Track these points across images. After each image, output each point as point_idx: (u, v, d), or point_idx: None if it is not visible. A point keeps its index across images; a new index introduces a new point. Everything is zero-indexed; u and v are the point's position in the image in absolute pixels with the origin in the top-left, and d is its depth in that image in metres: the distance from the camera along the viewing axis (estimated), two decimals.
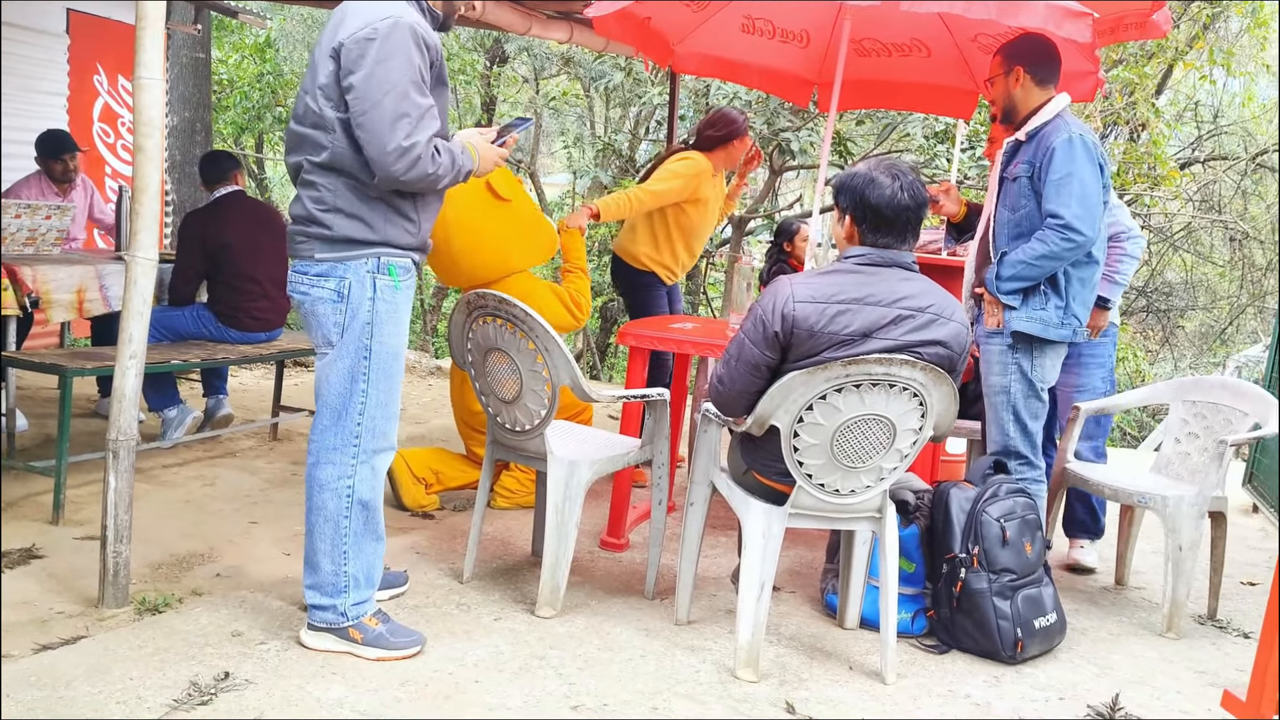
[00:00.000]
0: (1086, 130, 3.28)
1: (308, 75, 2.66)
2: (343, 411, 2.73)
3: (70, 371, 3.87)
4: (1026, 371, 3.38)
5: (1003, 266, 3.32)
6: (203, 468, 4.74)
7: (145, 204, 2.92)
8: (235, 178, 4.93)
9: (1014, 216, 3.37)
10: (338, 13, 2.65)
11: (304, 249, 2.70)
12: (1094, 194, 3.21)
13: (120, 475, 2.96)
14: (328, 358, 2.73)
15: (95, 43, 6.61)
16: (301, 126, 2.65)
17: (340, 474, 2.74)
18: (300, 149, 2.67)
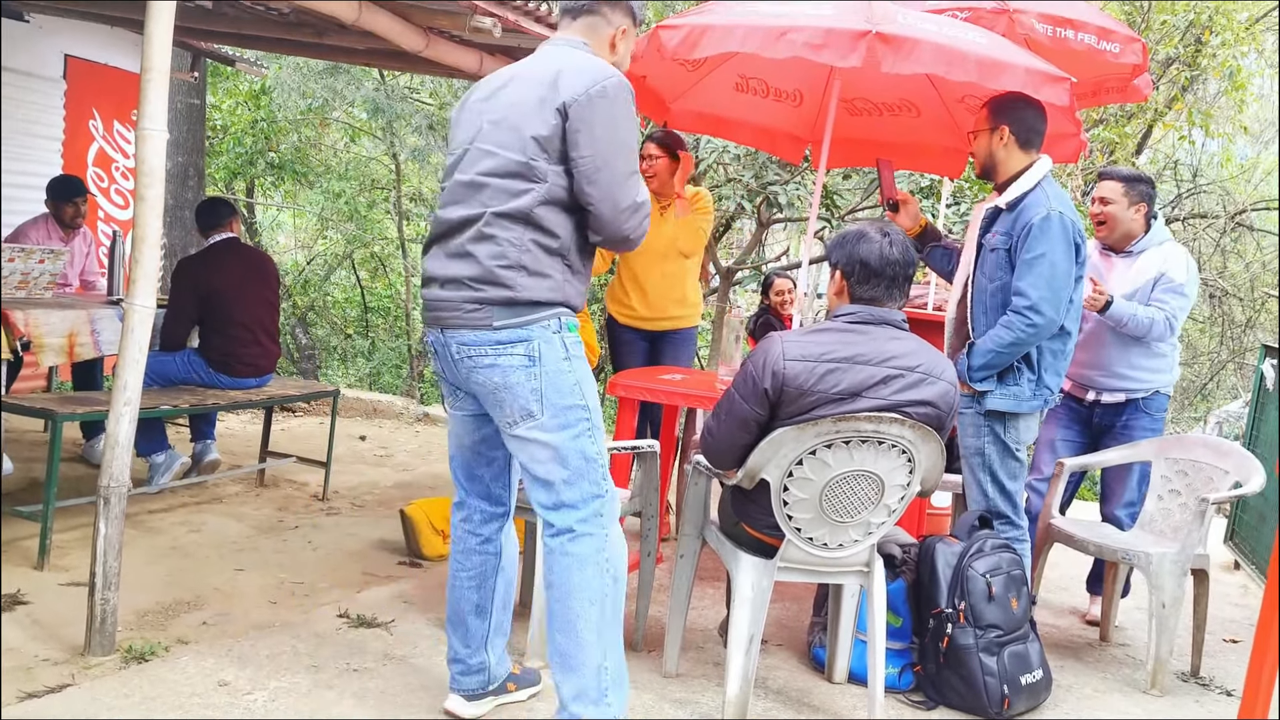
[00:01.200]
0: (1066, 205, 3.30)
1: (498, 129, 2.46)
2: (583, 477, 2.48)
3: (61, 417, 3.88)
4: (1001, 435, 3.39)
5: (973, 356, 3.33)
6: (189, 514, 4.72)
7: (145, 253, 2.95)
8: (231, 225, 4.97)
9: (991, 286, 3.36)
10: (546, 65, 2.49)
11: (479, 317, 2.42)
12: (1063, 275, 3.23)
13: (111, 522, 2.97)
14: (532, 430, 2.46)
15: (92, 88, 6.68)
16: (488, 177, 2.44)
17: (598, 546, 2.49)
18: (477, 198, 2.45)
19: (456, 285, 2.44)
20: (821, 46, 3.22)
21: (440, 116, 10.60)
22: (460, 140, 2.55)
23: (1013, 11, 4.44)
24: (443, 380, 2.64)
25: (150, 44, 2.91)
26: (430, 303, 2.51)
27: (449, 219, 2.48)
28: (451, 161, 2.57)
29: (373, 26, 3.68)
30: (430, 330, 2.54)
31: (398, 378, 13.89)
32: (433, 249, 2.53)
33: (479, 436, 2.66)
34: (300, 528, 4.67)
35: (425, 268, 2.54)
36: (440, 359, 2.55)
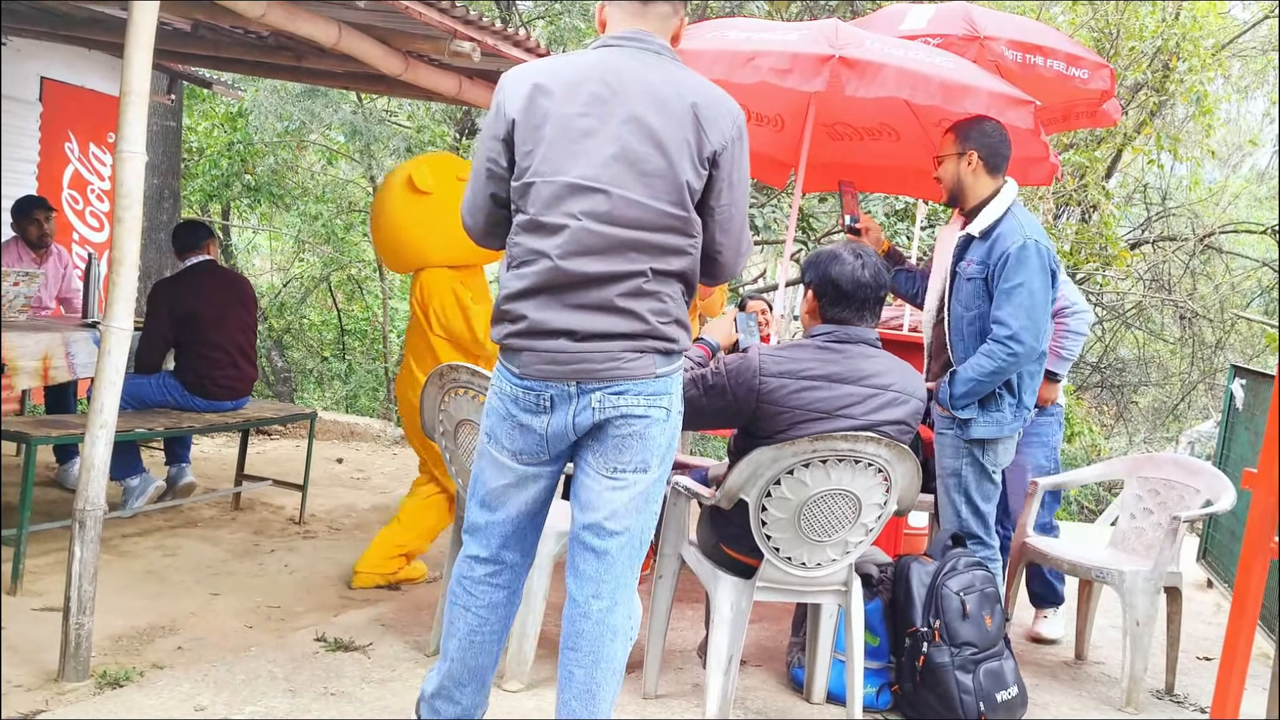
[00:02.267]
0: (1039, 231, 3.30)
1: (640, 173, 2.19)
2: (643, 542, 2.36)
3: (35, 440, 3.85)
4: (980, 458, 3.37)
5: (955, 384, 3.31)
6: (163, 537, 4.69)
7: (123, 275, 2.95)
8: (208, 247, 4.96)
9: (968, 315, 3.35)
10: (663, 84, 2.23)
11: (641, 366, 2.24)
12: (1041, 304, 3.24)
13: (86, 546, 2.95)
14: (638, 479, 2.30)
15: (68, 111, 6.65)
16: (637, 231, 2.20)
17: (631, 613, 2.38)
18: (628, 254, 2.20)
19: (606, 339, 2.21)
20: (787, 71, 3.28)
21: (417, 139, 10.60)
22: (553, 163, 2.20)
23: (983, 39, 4.51)
24: (524, 435, 2.30)
25: (130, 67, 2.92)
26: (560, 355, 2.21)
27: (583, 272, 2.18)
28: (544, 190, 2.21)
29: (352, 50, 3.70)
30: (553, 384, 2.23)
31: (375, 400, 13.82)
32: (544, 297, 2.21)
33: (545, 495, 2.41)
34: (276, 551, 4.64)
35: (538, 318, 2.21)
36: (556, 412, 2.26)
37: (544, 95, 2.23)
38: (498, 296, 2.32)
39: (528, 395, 2.27)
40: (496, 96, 2.30)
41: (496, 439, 2.35)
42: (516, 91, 2.26)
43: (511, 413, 2.31)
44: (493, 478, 2.38)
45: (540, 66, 2.30)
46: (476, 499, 2.42)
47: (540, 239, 2.22)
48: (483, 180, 2.33)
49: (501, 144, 2.28)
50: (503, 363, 2.32)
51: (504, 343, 2.29)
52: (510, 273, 2.27)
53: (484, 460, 2.40)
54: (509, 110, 2.25)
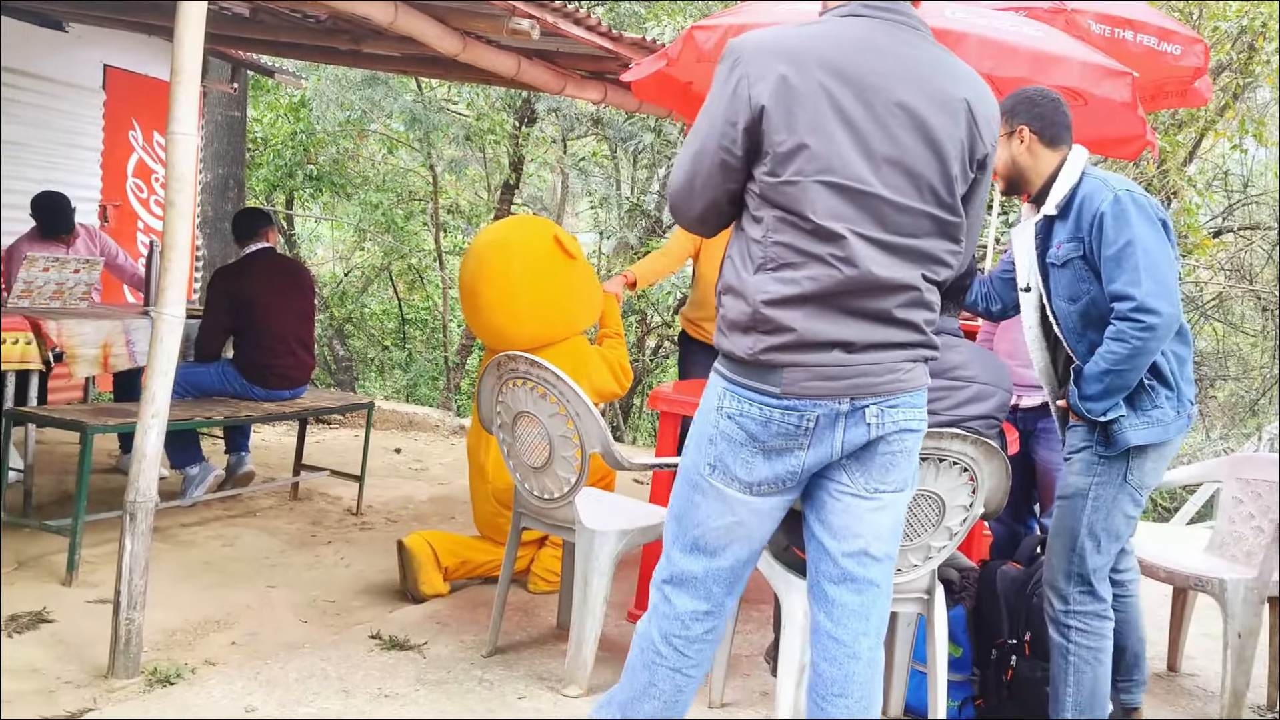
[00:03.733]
0: (1129, 184, 2.74)
1: (909, 176, 1.96)
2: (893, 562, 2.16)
3: (92, 428, 3.80)
4: (1125, 476, 2.72)
5: (1085, 383, 2.68)
6: (222, 527, 4.64)
7: (174, 260, 2.86)
8: (267, 235, 4.90)
9: (1076, 307, 2.75)
10: (931, 71, 1.99)
11: (916, 377, 2.05)
12: (1162, 260, 2.62)
13: (137, 538, 2.87)
14: (898, 498, 2.11)
15: (131, 99, 6.66)
16: (917, 239, 1.99)
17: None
18: (911, 263, 1.99)
19: (884, 349, 1.99)
20: None
21: (477, 127, 10.52)
22: (820, 161, 1.91)
23: (1069, 11, 4.26)
24: (772, 463, 2.01)
25: (180, 47, 2.82)
26: (834, 369, 1.95)
27: (865, 280, 1.93)
28: (812, 191, 1.92)
29: (409, 30, 3.58)
30: (823, 402, 1.96)
31: (434, 390, 13.84)
32: (817, 306, 1.94)
33: (774, 528, 2.14)
34: (334, 543, 4.56)
35: (809, 328, 1.93)
36: (820, 434, 1.99)
37: (798, 76, 1.90)
38: (743, 304, 1.97)
39: (787, 417, 1.97)
40: (732, 71, 1.95)
41: (726, 470, 2.02)
42: (763, 70, 1.91)
43: (757, 438, 1.99)
44: (714, 516, 2.05)
45: (784, 40, 1.95)
46: (686, 543, 2.09)
47: (813, 242, 1.93)
48: (713, 170, 1.99)
49: (743, 133, 1.94)
50: (746, 381, 1.99)
51: (760, 358, 1.96)
52: (767, 275, 1.95)
53: (699, 495, 2.05)
54: (756, 93, 1.91)
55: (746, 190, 2.00)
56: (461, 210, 13.67)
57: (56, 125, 6.16)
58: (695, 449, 2.08)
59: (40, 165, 5.86)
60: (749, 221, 2.01)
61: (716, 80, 2.00)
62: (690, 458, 2.09)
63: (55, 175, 5.94)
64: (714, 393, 2.06)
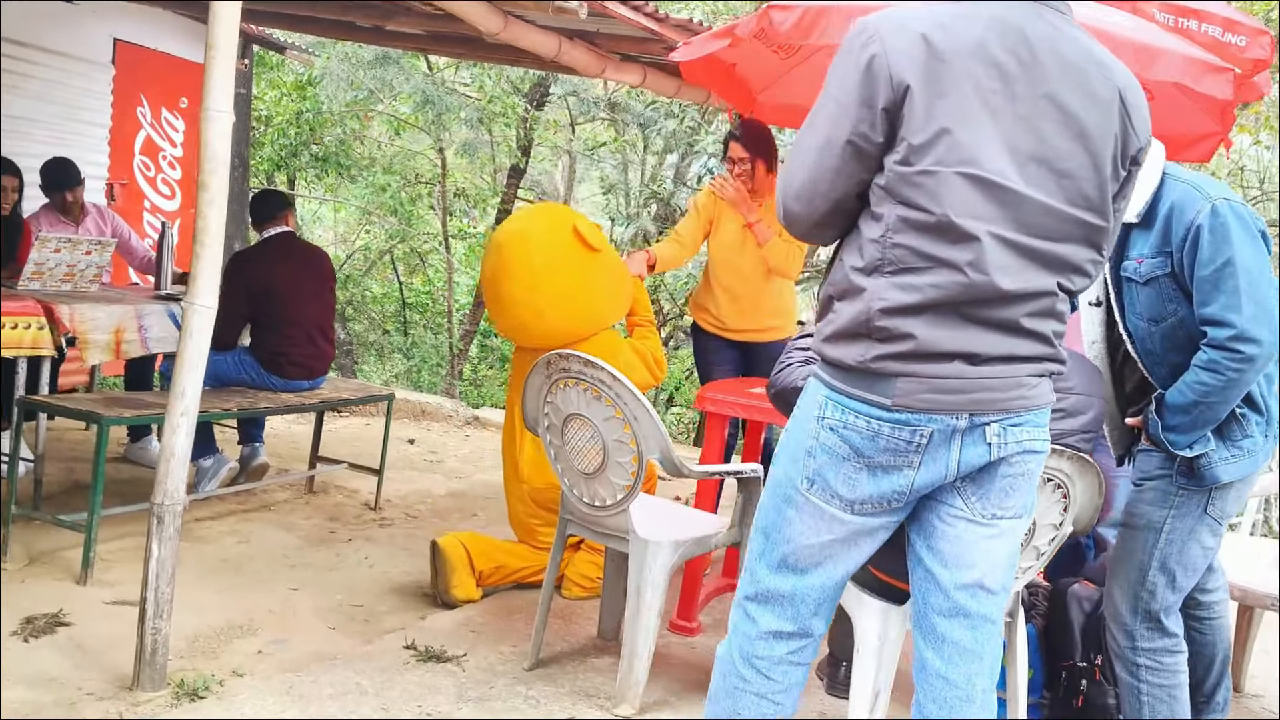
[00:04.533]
0: (1224, 189, 2.46)
1: (1056, 173, 1.77)
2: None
3: (106, 420, 3.62)
4: (1206, 508, 2.48)
5: (1170, 416, 2.43)
6: (237, 522, 4.46)
7: (207, 246, 2.67)
8: (286, 218, 4.70)
9: (1160, 326, 2.48)
10: (1104, 80, 1.80)
11: (1042, 394, 1.87)
12: (1264, 281, 2.35)
13: (164, 543, 2.69)
14: (1015, 524, 1.93)
15: (140, 73, 6.44)
16: (1054, 244, 1.79)
17: None
18: (1045, 270, 1.79)
19: (1010, 361, 1.81)
20: None
21: (489, 110, 10.30)
22: (961, 151, 1.72)
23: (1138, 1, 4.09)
24: (877, 480, 1.84)
25: (216, 20, 2.62)
26: (954, 381, 1.77)
27: (996, 288, 1.74)
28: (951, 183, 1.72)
29: (450, 6, 3.39)
30: (939, 416, 1.78)
31: (437, 376, 13.65)
32: (940, 314, 1.76)
33: (874, 550, 1.96)
34: (354, 540, 4.39)
35: (928, 337, 1.75)
36: (933, 451, 1.81)
37: (943, 56, 1.72)
38: (857, 309, 1.79)
39: (898, 431, 1.79)
40: (866, 47, 1.75)
41: (826, 485, 1.85)
42: (904, 46, 1.72)
43: (862, 452, 1.81)
44: (808, 533, 1.89)
45: (922, 16, 1.76)
46: (774, 559, 1.93)
47: (943, 245, 1.74)
48: (841, 157, 1.77)
49: (881, 113, 1.73)
50: (852, 390, 1.81)
51: (871, 366, 1.78)
52: (885, 279, 1.77)
53: (793, 510, 1.89)
54: (898, 70, 1.71)
55: (869, 184, 1.81)
56: (468, 194, 13.46)
57: (64, 100, 5.95)
58: (789, 460, 1.91)
59: (47, 141, 5.63)
60: (866, 219, 1.81)
61: (844, 62, 1.78)
62: (783, 469, 1.92)
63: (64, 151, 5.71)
64: (813, 401, 1.88)
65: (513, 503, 3.85)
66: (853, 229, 1.85)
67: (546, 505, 3.73)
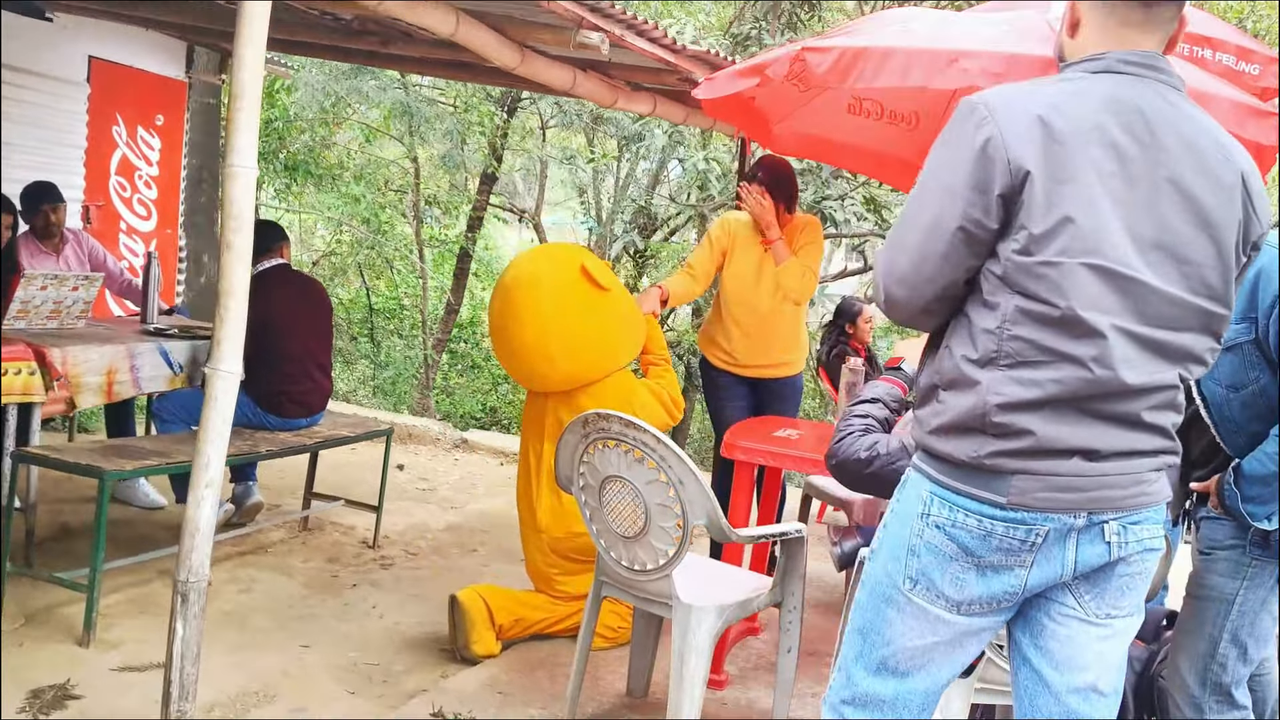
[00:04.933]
0: None
1: (1177, 260, 1.68)
2: None
3: (109, 474, 3.46)
4: (1279, 576, 2.41)
5: (1248, 486, 2.34)
6: (235, 567, 4.31)
7: (231, 309, 2.54)
8: (281, 250, 4.55)
9: (1239, 396, 2.38)
10: (1226, 163, 1.72)
11: (1161, 489, 1.78)
12: None
13: (189, 622, 2.55)
14: (1125, 630, 1.83)
15: (116, 92, 6.22)
16: (1181, 333, 1.71)
17: None
18: (1164, 361, 1.71)
19: (1129, 457, 1.72)
20: (1002, 76, 2.80)
21: (465, 119, 10.16)
22: (1085, 240, 1.64)
23: None
24: (986, 581, 1.74)
25: (241, 68, 2.48)
26: (1074, 479, 1.69)
27: (1122, 383, 1.66)
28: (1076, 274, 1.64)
29: (469, 41, 3.26)
30: (1055, 515, 1.69)
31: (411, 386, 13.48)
32: (1060, 410, 1.68)
33: (979, 651, 1.87)
34: (359, 586, 4.25)
35: (1048, 434, 1.67)
36: (1048, 550, 1.72)
37: (1056, 140, 1.64)
38: (970, 402, 1.70)
39: (1013, 530, 1.70)
40: (979, 129, 1.66)
41: (930, 585, 1.76)
42: (1021, 129, 1.64)
43: (971, 551, 1.73)
44: (910, 634, 1.79)
45: (1036, 96, 1.69)
46: (872, 661, 1.84)
47: (1066, 339, 1.65)
48: (950, 243, 1.69)
49: (997, 199, 1.65)
50: (963, 487, 1.72)
51: (985, 462, 1.69)
52: (1002, 373, 1.68)
53: (893, 610, 1.80)
54: (1017, 155, 1.63)
55: (981, 270, 1.72)
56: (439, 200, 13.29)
57: (40, 122, 5.73)
58: (890, 558, 1.81)
59: (23, 165, 5.42)
60: (978, 308, 1.72)
61: (954, 140, 1.70)
62: (882, 567, 1.83)
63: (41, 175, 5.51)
64: (915, 496, 1.79)
65: (530, 552, 3.73)
66: (959, 316, 1.77)
67: (566, 555, 3.63)
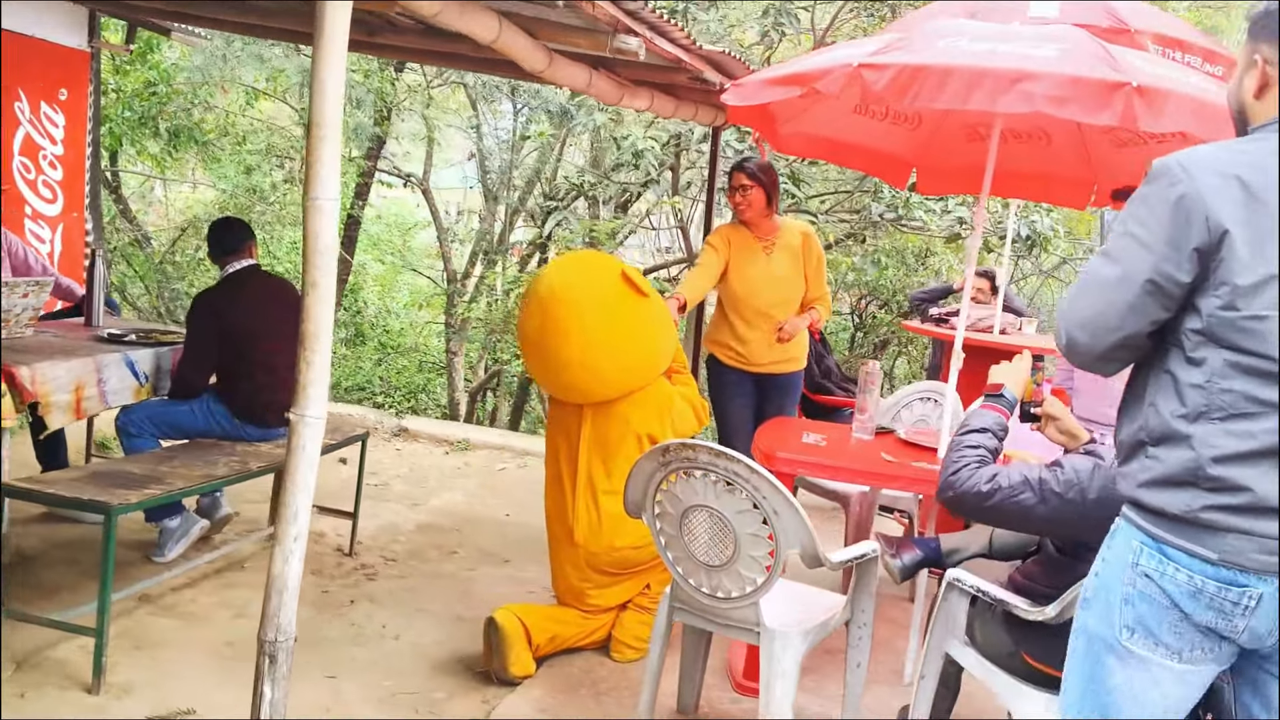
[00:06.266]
0: None
1: None
2: None
3: (116, 509, 3.21)
4: None
5: None
6: (219, 589, 4.08)
7: (318, 353, 2.37)
8: (250, 249, 4.28)
9: None
10: None
11: None
12: None
13: (277, 684, 2.41)
14: None
15: (18, 65, 5.68)
16: None
17: None
18: None
19: None
20: (1065, 100, 2.84)
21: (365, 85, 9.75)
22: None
23: (1133, 32, 4.18)
24: (1201, 635, 1.79)
25: (322, 96, 2.30)
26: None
27: None
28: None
29: (507, 47, 3.11)
30: (1269, 577, 1.73)
31: None
32: (1269, 462, 1.72)
33: (1199, 695, 1.90)
34: (357, 602, 4.09)
35: (1265, 491, 1.71)
36: (1261, 612, 1.75)
37: (1256, 199, 1.71)
38: (1184, 456, 1.75)
39: (1224, 591, 1.74)
40: (1173, 187, 1.74)
41: (1148, 633, 1.81)
42: (1217, 189, 1.71)
43: (1180, 608, 1.78)
44: (1133, 682, 1.84)
45: (1232, 158, 1.76)
46: (1095, 707, 1.88)
47: (1275, 389, 1.71)
48: (1139, 299, 1.77)
49: (1192, 254, 1.72)
50: (1173, 540, 1.77)
51: (1200, 517, 1.73)
52: (1215, 426, 1.73)
53: (1111, 659, 1.85)
54: (1216, 213, 1.71)
55: (1179, 327, 1.78)
56: None
57: None
58: (1105, 608, 1.86)
59: None
60: (1181, 364, 1.78)
61: (1149, 198, 1.78)
62: (1099, 617, 1.87)
63: None
64: (1126, 546, 1.83)
65: (563, 566, 3.66)
66: (1160, 373, 1.81)
67: (602, 569, 3.57)
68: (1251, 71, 1.85)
